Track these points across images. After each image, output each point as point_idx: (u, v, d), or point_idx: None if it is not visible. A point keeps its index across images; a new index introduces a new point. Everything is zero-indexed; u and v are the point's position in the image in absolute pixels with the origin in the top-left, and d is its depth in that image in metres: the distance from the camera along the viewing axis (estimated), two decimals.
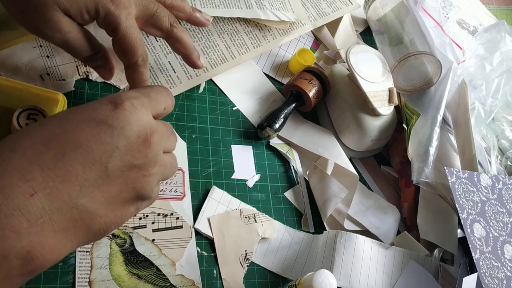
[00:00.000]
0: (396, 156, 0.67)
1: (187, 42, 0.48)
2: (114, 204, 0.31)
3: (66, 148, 0.29)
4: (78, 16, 0.40)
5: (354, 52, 0.62)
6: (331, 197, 0.56)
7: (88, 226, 0.30)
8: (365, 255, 0.52)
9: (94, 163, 0.29)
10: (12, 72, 0.48)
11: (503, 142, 0.73)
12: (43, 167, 0.28)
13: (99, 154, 0.30)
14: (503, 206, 0.60)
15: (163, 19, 0.45)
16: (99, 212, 0.30)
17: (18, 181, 0.27)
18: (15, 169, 0.27)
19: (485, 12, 0.98)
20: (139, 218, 0.47)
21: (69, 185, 0.28)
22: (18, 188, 0.27)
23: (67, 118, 0.31)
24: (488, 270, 0.53)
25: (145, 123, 0.33)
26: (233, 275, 0.49)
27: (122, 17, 0.40)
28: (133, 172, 0.32)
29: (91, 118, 0.31)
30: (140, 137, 0.32)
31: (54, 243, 0.28)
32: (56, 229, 0.28)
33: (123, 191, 0.31)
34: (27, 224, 0.26)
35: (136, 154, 0.31)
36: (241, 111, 0.61)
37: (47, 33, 0.39)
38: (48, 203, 0.27)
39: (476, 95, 0.71)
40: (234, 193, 0.54)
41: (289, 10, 0.65)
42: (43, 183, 0.27)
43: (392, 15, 0.73)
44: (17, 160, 0.28)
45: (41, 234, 0.27)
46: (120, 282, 0.43)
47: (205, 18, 0.52)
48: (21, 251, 0.26)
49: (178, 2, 0.49)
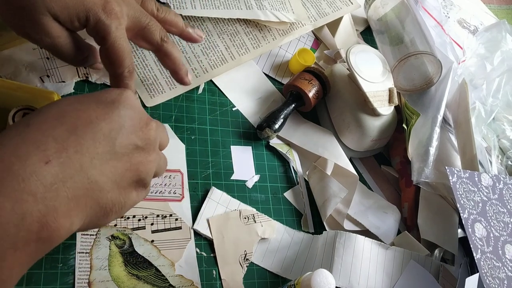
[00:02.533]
0: (397, 156, 0.67)
1: (176, 57, 0.48)
2: (119, 183, 0.33)
3: (78, 123, 0.31)
4: (68, 22, 0.39)
5: (354, 52, 0.62)
6: (330, 197, 0.56)
7: (97, 199, 0.32)
8: (365, 255, 0.52)
9: (103, 138, 0.32)
10: (12, 73, 0.48)
11: (504, 142, 0.72)
12: (56, 139, 0.30)
13: (108, 131, 0.32)
14: (504, 206, 0.60)
15: (154, 32, 0.45)
16: (106, 186, 0.32)
17: (34, 150, 0.29)
18: (30, 141, 0.29)
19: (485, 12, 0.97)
20: (138, 220, 0.47)
21: (80, 156, 0.30)
22: (34, 156, 0.28)
23: (77, 100, 0.34)
24: (489, 270, 0.52)
25: (144, 112, 0.36)
26: (232, 276, 0.49)
27: (113, 27, 0.40)
28: (136, 153, 0.34)
29: (100, 100, 0.34)
30: (143, 120, 0.35)
31: (67, 209, 0.29)
32: (69, 196, 0.29)
33: (127, 170, 0.34)
34: (43, 189, 0.28)
35: (139, 134, 0.35)
36: (241, 111, 0.61)
37: (35, 36, 0.39)
38: (62, 171, 0.29)
39: (477, 95, 0.71)
40: (234, 194, 0.54)
41: (289, 11, 0.65)
42: (57, 153, 0.29)
43: (393, 14, 0.73)
44: (32, 133, 0.30)
45: (55, 200, 0.29)
46: (119, 283, 0.43)
47: (198, 34, 0.52)
48: (38, 214, 0.27)
49: (171, 17, 0.49)
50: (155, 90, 0.55)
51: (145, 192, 0.38)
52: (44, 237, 0.28)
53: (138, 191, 0.36)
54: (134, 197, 0.36)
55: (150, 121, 0.36)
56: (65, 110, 0.32)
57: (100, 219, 0.34)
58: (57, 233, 0.29)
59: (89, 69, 0.52)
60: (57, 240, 0.30)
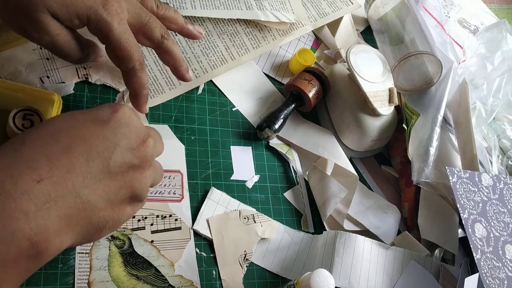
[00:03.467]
0: (397, 156, 0.67)
1: (176, 54, 0.48)
2: (112, 200, 0.33)
3: (72, 142, 0.31)
4: (68, 21, 0.39)
5: (354, 52, 0.62)
6: (330, 197, 0.56)
7: (89, 217, 0.32)
8: (365, 255, 0.52)
9: (97, 158, 0.32)
10: (12, 74, 0.48)
11: (504, 142, 0.72)
12: (49, 157, 0.30)
13: (102, 150, 0.32)
14: (504, 206, 0.59)
15: (154, 29, 0.45)
16: (99, 205, 0.32)
17: (26, 169, 0.29)
18: (22, 159, 0.29)
19: (486, 11, 0.97)
20: (137, 220, 0.47)
21: (73, 175, 0.30)
22: (26, 176, 0.28)
23: (73, 117, 0.33)
24: (489, 270, 0.52)
25: (142, 127, 0.35)
26: (232, 276, 0.49)
27: (115, 23, 0.40)
28: (131, 171, 0.34)
29: (95, 119, 0.33)
30: (139, 138, 0.34)
31: (58, 228, 0.29)
32: (60, 215, 0.29)
33: (121, 188, 0.33)
34: (34, 208, 0.28)
35: (136, 153, 0.34)
36: (241, 111, 0.61)
37: (33, 35, 0.39)
38: (54, 190, 0.29)
39: (477, 95, 0.71)
40: (233, 194, 0.54)
41: (289, 11, 0.65)
42: (49, 172, 0.29)
43: (393, 14, 0.73)
44: (24, 151, 0.30)
45: (47, 218, 0.28)
46: (119, 283, 0.43)
47: (198, 31, 0.52)
48: (29, 233, 0.27)
49: (171, 13, 0.49)
50: (155, 91, 0.55)
51: (140, 204, 0.37)
52: (34, 254, 0.28)
53: (133, 205, 0.36)
54: (128, 212, 0.35)
55: (147, 138, 0.35)
56: (60, 128, 0.32)
57: (93, 236, 0.33)
58: (47, 252, 0.29)
59: (89, 70, 0.52)
60: (47, 258, 0.30)
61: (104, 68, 0.53)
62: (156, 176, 0.37)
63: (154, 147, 0.35)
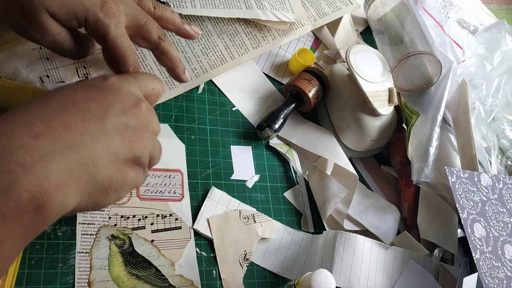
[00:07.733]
0: (396, 156, 0.67)
1: (173, 55, 0.48)
2: (114, 159, 0.32)
3: (65, 104, 0.31)
4: (66, 21, 0.39)
5: (354, 52, 0.62)
6: (330, 197, 0.56)
7: (92, 173, 0.31)
8: (365, 255, 0.52)
9: (92, 117, 0.31)
10: (12, 74, 0.48)
11: (504, 142, 0.72)
12: (44, 118, 0.29)
13: (96, 111, 0.32)
14: (504, 206, 0.60)
15: (151, 31, 0.45)
16: (101, 162, 0.31)
17: (21, 127, 0.28)
18: (16, 121, 0.28)
19: (485, 12, 0.97)
20: (138, 220, 0.47)
21: (70, 133, 0.30)
22: (21, 132, 0.27)
23: (63, 87, 0.33)
24: (488, 270, 0.52)
25: (134, 92, 0.35)
26: (232, 275, 0.49)
27: (112, 25, 0.40)
28: (129, 133, 0.33)
29: (86, 85, 0.34)
30: (131, 101, 0.34)
31: (59, 181, 0.28)
32: (60, 168, 0.28)
33: (121, 148, 0.33)
34: (31, 160, 0.27)
35: (129, 114, 0.34)
36: (241, 111, 0.61)
37: (34, 35, 0.39)
38: (51, 145, 0.28)
39: (477, 95, 0.71)
40: (234, 193, 0.54)
41: (289, 11, 0.65)
42: (45, 130, 0.28)
43: (392, 14, 0.73)
44: (18, 115, 0.29)
45: (46, 170, 0.27)
46: (119, 283, 0.43)
47: (194, 30, 0.52)
48: (28, 184, 0.26)
49: (167, 14, 0.49)
50: None
51: (143, 174, 0.36)
52: (35, 208, 0.27)
53: (136, 171, 0.35)
54: (132, 176, 0.34)
55: (140, 102, 0.35)
56: (51, 95, 0.32)
57: (100, 197, 0.32)
58: (50, 205, 0.28)
59: (88, 69, 0.52)
60: (52, 214, 0.28)
61: (104, 68, 0.53)
62: (155, 146, 0.37)
63: (148, 111, 0.35)
